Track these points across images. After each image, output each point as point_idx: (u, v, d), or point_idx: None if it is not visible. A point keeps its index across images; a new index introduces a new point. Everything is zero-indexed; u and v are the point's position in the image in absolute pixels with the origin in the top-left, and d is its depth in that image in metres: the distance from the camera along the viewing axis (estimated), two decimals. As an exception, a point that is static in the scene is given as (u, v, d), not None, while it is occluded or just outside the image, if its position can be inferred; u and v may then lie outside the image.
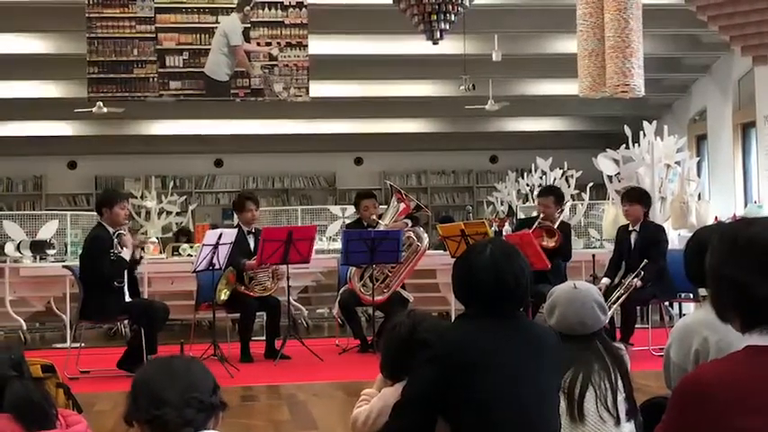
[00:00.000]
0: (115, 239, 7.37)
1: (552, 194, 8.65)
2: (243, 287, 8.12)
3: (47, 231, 10.03)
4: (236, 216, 8.64)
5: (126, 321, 8.46)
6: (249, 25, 10.71)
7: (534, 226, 8.35)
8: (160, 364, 2.37)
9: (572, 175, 12.56)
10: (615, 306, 7.46)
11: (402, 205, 8.56)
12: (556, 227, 8.35)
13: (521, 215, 11.52)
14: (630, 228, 8.21)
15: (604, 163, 10.59)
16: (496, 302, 2.86)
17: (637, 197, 8.25)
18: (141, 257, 7.81)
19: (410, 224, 8.55)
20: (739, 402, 1.82)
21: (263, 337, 8.33)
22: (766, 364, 1.85)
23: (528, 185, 14.51)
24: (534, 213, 10.40)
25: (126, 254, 7.38)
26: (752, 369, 1.85)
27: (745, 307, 1.87)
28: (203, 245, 7.65)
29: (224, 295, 7.94)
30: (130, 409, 2.24)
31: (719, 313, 1.93)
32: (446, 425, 2.78)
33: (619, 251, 8.30)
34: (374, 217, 8.63)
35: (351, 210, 10.56)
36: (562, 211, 8.69)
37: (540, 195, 8.88)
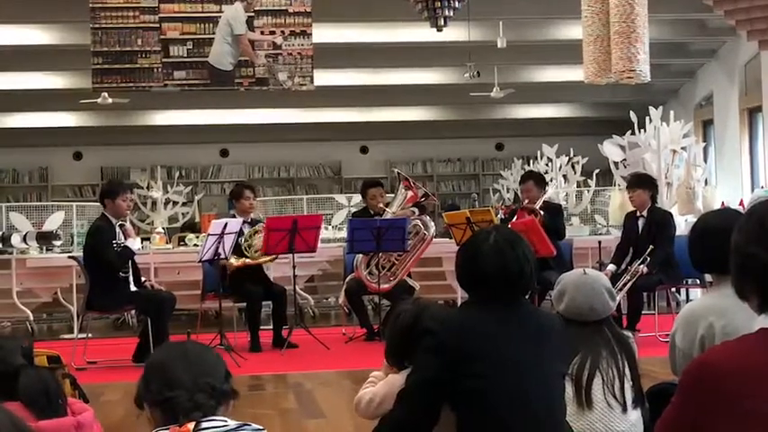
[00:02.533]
0: (118, 229, 7.38)
1: (531, 179, 8.58)
2: (247, 260, 8.10)
3: (53, 222, 10.02)
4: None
5: (133, 312, 8.47)
6: (253, 14, 10.68)
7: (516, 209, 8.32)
8: (174, 347, 2.38)
9: (578, 162, 12.54)
10: (622, 293, 7.43)
11: (410, 193, 8.55)
12: (538, 207, 8.25)
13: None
14: (638, 214, 8.17)
15: (610, 149, 10.56)
16: (500, 290, 2.84)
17: (640, 183, 8.21)
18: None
19: (417, 212, 8.53)
20: (750, 385, 1.81)
21: (270, 327, 8.33)
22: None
23: (534, 172, 14.48)
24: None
25: (131, 243, 7.39)
26: (763, 351, 1.84)
27: (766, 287, 1.86)
28: (209, 235, 7.65)
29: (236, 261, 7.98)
30: (142, 390, 2.25)
31: (738, 290, 1.93)
32: (451, 412, 2.77)
33: (626, 237, 8.25)
34: (381, 205, 8.62)
35: (357, 198, 10.54)
36: (545, 192, 8.63)
37: (520, 182, 8.82)
